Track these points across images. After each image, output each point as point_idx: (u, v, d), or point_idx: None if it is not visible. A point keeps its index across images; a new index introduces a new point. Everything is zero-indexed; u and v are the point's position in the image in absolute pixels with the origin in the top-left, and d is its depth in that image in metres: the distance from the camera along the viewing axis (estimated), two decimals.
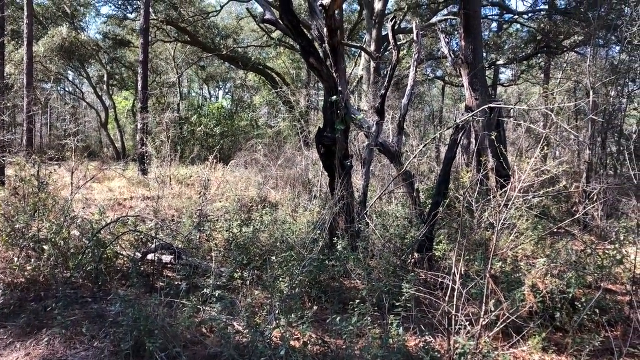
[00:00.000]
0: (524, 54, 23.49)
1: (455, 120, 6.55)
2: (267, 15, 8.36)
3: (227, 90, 35.73)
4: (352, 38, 25.31)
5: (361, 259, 6.14)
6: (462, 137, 6.72)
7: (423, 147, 8.52)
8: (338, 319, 4.16)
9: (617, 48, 17.62)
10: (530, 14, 22.72)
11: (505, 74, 29.13)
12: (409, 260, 6.44)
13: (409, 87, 8.29)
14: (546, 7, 22.40)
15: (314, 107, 27.16)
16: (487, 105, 8.05)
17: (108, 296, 5.66)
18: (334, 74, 6.41)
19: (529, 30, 23.79)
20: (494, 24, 25.87)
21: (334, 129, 6.36)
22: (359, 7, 23.68)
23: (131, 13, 23.75)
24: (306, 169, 13.48)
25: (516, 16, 23.55)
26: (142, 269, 6.63)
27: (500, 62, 24.19)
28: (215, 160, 14.01)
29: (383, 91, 7.42)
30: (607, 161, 12.05)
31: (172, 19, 22.34)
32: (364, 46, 20.37)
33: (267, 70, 26.37)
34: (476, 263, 6.33)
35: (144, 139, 16.64)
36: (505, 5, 23.24)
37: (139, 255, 6.76)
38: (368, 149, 7.35)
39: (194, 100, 31.29)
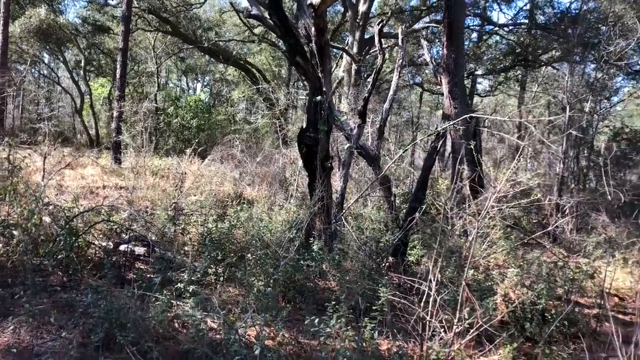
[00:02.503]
0: (502, 65, 23.89)
1: (436, 128, 6.62)
2: (254, 11, 8.31)
3: (205, 84, 35.41)
4: (334, 39, 25.30)
5: (337, 260, 6.16)
6: (442, 145, 6.80)
7: (403, 152, 8.59)
8: (316, 320, 4.15)
9: (593, 66, 18.08)
10: (510, 27, 23.08)
11: (482, 84, 29.55)
12: (383, 264, 6.48)
13: (391, 92, 8.35)
14: (526, 21, 22.78)
15: (293, 105, 27.12)
16: (467, 115, 8.15)
17: (79, 286, 5.55)
18: (320, 74, 6.42)
19: (508, 43, 24.19)
20: (474, 35, 26.24)
21: (317, 129, 6.37)
22: (342, 9, 23.71)
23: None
24: (284, 167, 13.45)
25: (497, 28, 23.90)
26: (113, 260, 6.51)
27: (479, 72, 24.55)
28: (191, 154, 13.88)
29: (366, 94, 7.45)
30: (580, 176, 12.33)
31: (155, 8, 22.03)
32: (347, 48, 20.42)
33: (248, 65, 26.21)
34: (449, 270, 6.41)
35: (120, 128, 16.36)
36: (486, 17, 23.58)
37: (111, 245, 6.65)
38: (348, 152, 7.37)
39: (172, 92, 30.91)
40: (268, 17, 6.86)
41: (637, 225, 8.76)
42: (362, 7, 20.12)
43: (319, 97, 6.29)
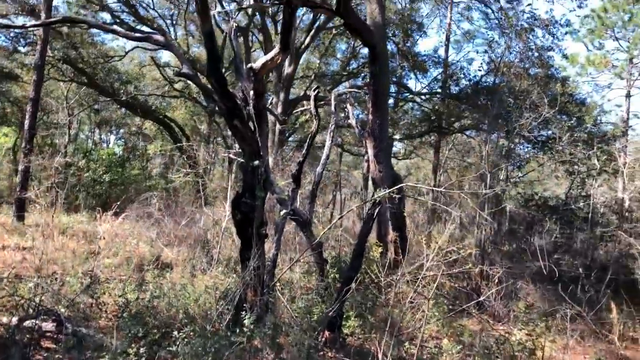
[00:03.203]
0: (417, 131, 24.99)
1: (372, 195, 6.58)
2: (185, 70, 8.07)
3: (119, 137, 34.14)
4: None
5: (271, 335, 5.79)
6: (377, 212, 6.75)
7: (339, 218, 8.46)
8: None
9: (507, 136, 19.27)
10: (427, 96, 24.27)
11: (396, 147, 30.61)
12: (320, 339, 6.18)
13: (324, 156, 8.32)
14: (440, 90, 24.08)
15: (212, 162, 26.65)
16: (404, 185, 8.21)
17: None
18: (258, 138, 6.23)
19: (423, 110, 25.43)
20: (391, 100, 27.38)
21: (254, 195, 6.11)
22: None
23: (24, 47, 22.18)
24: (205, 228, 12.92)
25: (413, 96, 25.07)
26: (16, 338, 5.74)
27: (397, 137, 25.49)
28: (104, 211, 13.06)
29: (301, 158, 7.35)
30: (501, 242, 12.80)
31: (71, 58, 21.16)
32: (271, 108, 20.53)
33: (167, 120, 25.63)
34: (385, 341, 6.21)
35: (26, 182, 15.17)
36: (404, 84, 24.73)
37: (14, 321, 5.88)
38: (282, 218, 7.15)
39: (83, 144, 29.49)
40: (205, 77, 6.64)
41: (556, 292, 9.08)
42: (287, 70, 20.44)
43: (256, 162, 6.08)
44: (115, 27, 10.55)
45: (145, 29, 21.04)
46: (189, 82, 30.36)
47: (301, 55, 21.70)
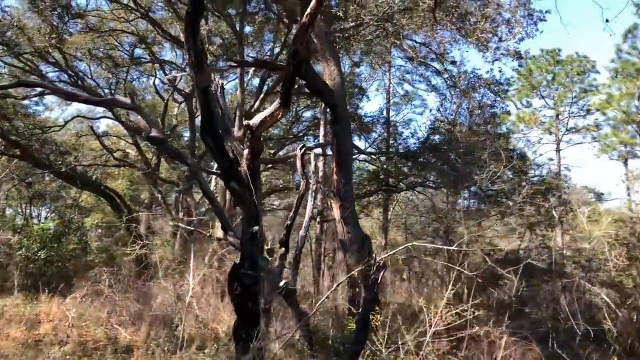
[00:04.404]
0: (365, 190, 25.07)
1: (374, 258, 6.23)
2: (154, 133, 7.61)
3: (53, 210, 32.13)
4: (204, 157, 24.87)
5: None
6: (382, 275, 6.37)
7: (335, 287, 7.99)
8: None
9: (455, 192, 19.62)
10: (376, 155, 24.52)
11: None
12: None
13: (306, 219, 7.93)
14: (390, 149, 24.42)
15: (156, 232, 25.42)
16: (410, 244, 7.89)
17: None
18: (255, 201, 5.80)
19: (370, 170, 25.65)
20: None
21: (255, 265, 5.57)
22: None
23: None
24: (166, 304, 11.97)
25: (361, 155, 25.29)
26: None
27: None
28: (41, 291, 11.98)
29: (289, 222, 6.92)
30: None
31: (3, 130, 19.93)
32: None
33: (107, 190, 24.44)
34: None
35: None
36: (354, 145, 24.93)
37: None
38: (281, 289, 6.61)
39: (13, 221, 27.46)
40: (201, 139, 6.21)
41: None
42: (236, 133, 20.15)
43: (256, 228, 5.60)
44: (76, 91, 9.96)
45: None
46: (128, 150, 29.60)
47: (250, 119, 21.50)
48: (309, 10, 4.91)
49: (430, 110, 22.50)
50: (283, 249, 6.96)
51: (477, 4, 16.51)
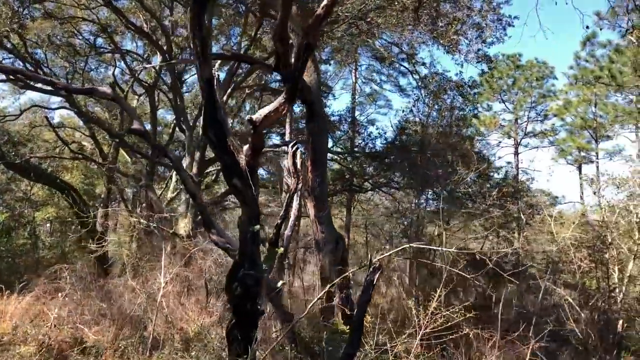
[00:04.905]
0: (330, 190, 24.96)
1: (370, 260, 6.10)
2: (136, 125, 7.26)
3: (2, 203, 30.60)
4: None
5: None
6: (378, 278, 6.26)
7: (325, 291, 7.80)
8: None
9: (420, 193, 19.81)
10: (343, 155, 24.45)
11: None
12: None
13: (292, 219, 7.74)
14: (355, 149, 24.42)
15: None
16: (409, 245, 7.81)
17: None
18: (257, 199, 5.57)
19: (336, 169, 25.55)
20: None
21: (255, 265, 5.34)
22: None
23: None
24: (135, 303, 11.50)
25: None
26: None
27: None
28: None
29: (279, 221, 6.72)
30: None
31: None
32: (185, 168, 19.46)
33: (62, 183, 23.43)
34: None
35: None
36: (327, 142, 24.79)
37: None
38: (278, 289, 6.40)
39: None
40: (202, 132, 5.92)
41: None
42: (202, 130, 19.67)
43: (257, 227, 5.37)
44: (52, 79, 9.43)
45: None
46: (84, 143, 28.51)
47: None
48: (325, 1, 4.73)
49: (396, 111, 22.64)
50: (282, 249, 6.75)
51: (448, 6, 16.68)
